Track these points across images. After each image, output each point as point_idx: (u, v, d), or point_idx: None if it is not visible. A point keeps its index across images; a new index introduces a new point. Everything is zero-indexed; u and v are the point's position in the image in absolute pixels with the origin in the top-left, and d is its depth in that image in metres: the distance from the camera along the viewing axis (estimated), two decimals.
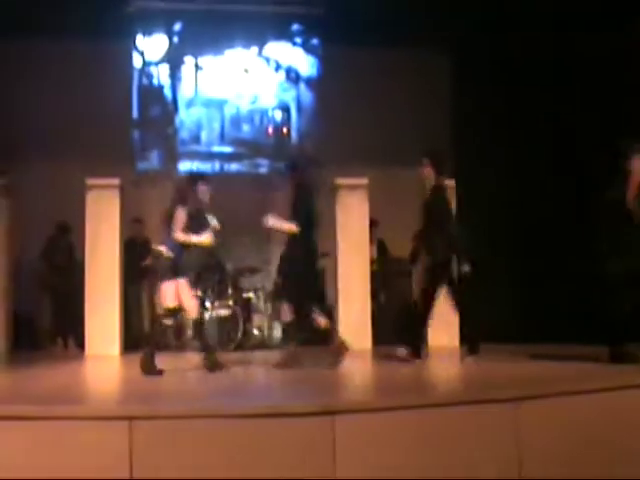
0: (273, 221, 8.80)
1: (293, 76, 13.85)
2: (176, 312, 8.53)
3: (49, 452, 5.43)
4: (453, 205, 10.88)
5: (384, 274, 12.56)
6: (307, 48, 13.86)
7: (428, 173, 9.18)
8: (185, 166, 13.42)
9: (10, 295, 11.34)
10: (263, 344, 12.12)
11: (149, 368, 8.26)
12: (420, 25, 12.55)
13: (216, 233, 8.66)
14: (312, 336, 9.29)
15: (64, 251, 11.95)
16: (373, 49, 13.23)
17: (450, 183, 10.86)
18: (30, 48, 12.66)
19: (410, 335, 9.17)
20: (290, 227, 8.72)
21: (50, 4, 11.84)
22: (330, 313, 9.10)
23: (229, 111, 13.63)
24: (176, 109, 13.51)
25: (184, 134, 13.53)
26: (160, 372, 8.29)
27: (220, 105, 13.62)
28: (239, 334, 11.55)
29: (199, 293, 11.99)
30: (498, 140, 12.47)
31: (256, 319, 12.41)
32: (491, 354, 9.38)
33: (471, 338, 9.21)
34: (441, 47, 13.31)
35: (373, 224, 12.01)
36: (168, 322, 8.56)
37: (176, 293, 8.42)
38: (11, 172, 11.29)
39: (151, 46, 13.52)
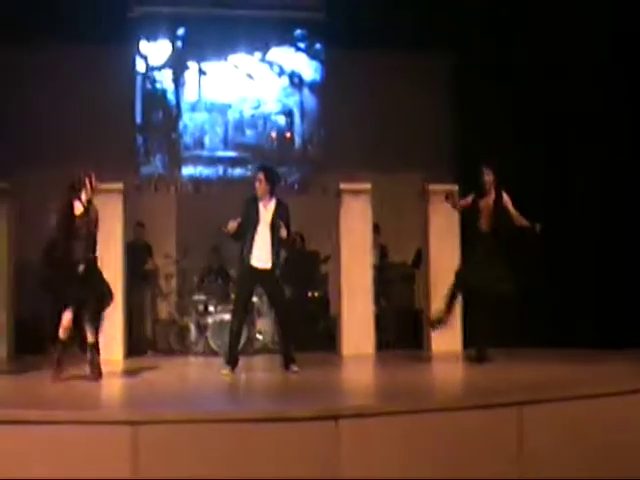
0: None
1: (296, 81, 13.85)
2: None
3: (52, 457, 5.44)
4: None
5: (386, 279, 12.56)
6: (310, 53, 13.86)
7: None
8: (188, 171, 13.43)
9: (13, 299, 11.34)
10: (266, 348, 12.11)
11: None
12: (423, 28, 12.55)
13: None
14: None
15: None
16: (376, 53, 13.22)
17: (453, 188, 10.88)
18: (34, 53, 12.65)
19: None
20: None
21: (54, 9, 11.87)
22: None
23: (232, 116, 13.63)
24: (179, 114, 13.51)
25: (187, 139, 13.52)
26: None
27: (223, 110, 13.62)
28: (242, 339, 11.54)
29: (202, 297, 12.05)
30: (502, 143, 12.47)
31: (259, 323, 12.40)
32: (496, 358, 9.38)
33: (479, 344, 9.19)
34: (444, 50, 13.28)
35: (375, 229, 12.02)
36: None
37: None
38: (13, 176, 11.30)
39: (154, 51, 13.52)
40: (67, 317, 8.20)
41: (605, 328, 10.95)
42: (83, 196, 8.43)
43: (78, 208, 8.38)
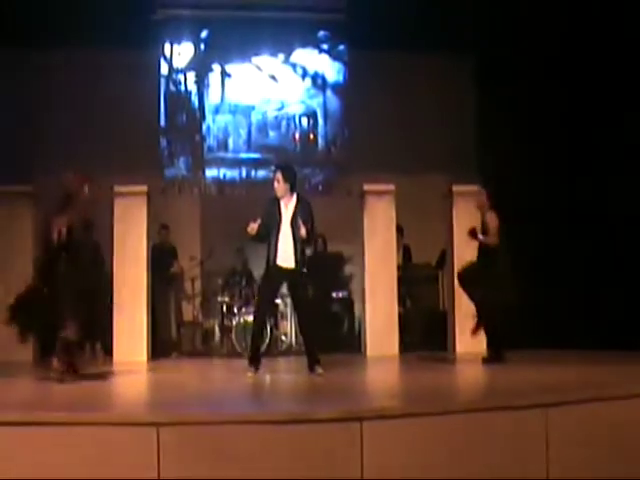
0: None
1: (319, 82, 13.84)
2: None
3: (77, 458, 5.46)
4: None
5: (410, 280, 12.54)
6: (333, 54, 13.84)
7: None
8: (212, 173, 13.46)
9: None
10: (290, 350, 12.13)
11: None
12: (444, 29, 12.53)
13: None
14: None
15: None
16: (398, 54, 13.20)
17: (475, 189, 10.87)
18: (58, 56, 12.74)
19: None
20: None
21: (77, 13, 11.91)
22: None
23: (256, 118, 13.64)
24: (203, 116, 13.54)
25: (211, 141, 13.54)
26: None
27: (247, 112, 13.63)
28: (266, 340, 11.55)
29: (226, 299, 12.07)
30: (525, 144, 12.43)
31: (283, 325, 12.42)
32: (517, 360, 9.35)
33: (495, 345, 9.16)
34: (466, 51, 13.26)
35: (398, 231, 12.01)
36: None
37: None
38: (37, 180, 11.37)
39: (178, 53, 13.55)
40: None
41: (630, 329, 10.87)
42: (81, 204, 8.35)
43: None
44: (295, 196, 8.92)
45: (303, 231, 8.70)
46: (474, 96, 13.48)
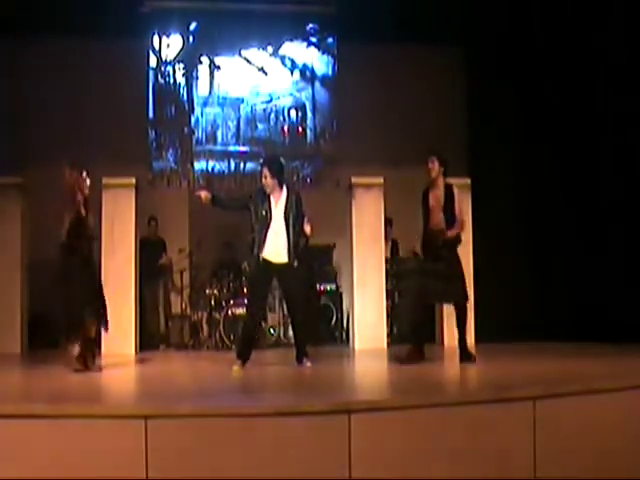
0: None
1: (308, 75, 13.80)
2: None
3: (65, 450, 5.46)
4: (468, 202, 10.92)
5: (398, 273, 12.54)
6: (322, 47, 13.81)
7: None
8: (201, 165, 13.42)
9: (25, 295, 11.39)
10: (278, 343, 12.13)
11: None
12: (434, 21, 12.54)
13: None
14: None
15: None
16: (387, 47, 13.21)
17: (466, 181, 10.90)
18: (46, 47, 12.70)
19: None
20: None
21: (66, 4, 11.87)
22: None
23: (244, 110, 13.60)
24: (192, 108, 13.49)
25: (200, 133, 13.51)
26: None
27: (236, 104, 13.60)
28: (257, 335, 11.54)
29: (215, 292, 12.05)
30: (514, 136, 12.47)
31: (271, 317, 12.42)
32: (506, 353, 9.36)
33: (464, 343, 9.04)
34: (455, 43, 13.27)
35: (388, 223, 12.01)
36: None
37: None
38: (26, 171, 11.33)
39: (167, 45, 13.50)
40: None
41: (621, 322, 10.91)
42: (81, 197, 8.43)
43: (82, 212, 8.42)
44: (285, 190, 8.91)
45: (308, 228, 8.80)
46: (464, 89, 13.48)
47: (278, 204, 8.83)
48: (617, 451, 6.30)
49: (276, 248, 8.75)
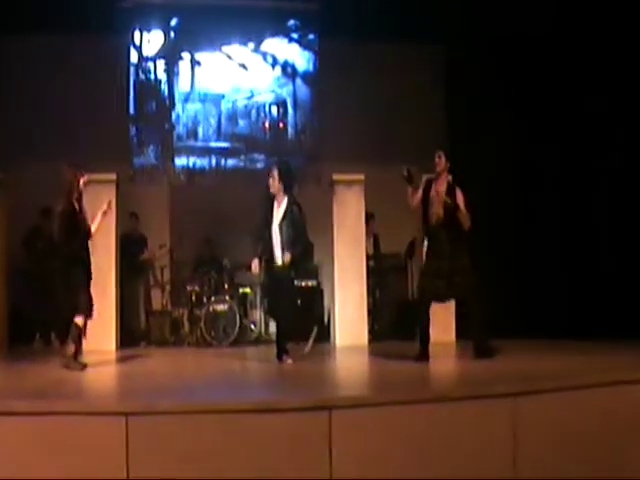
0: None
1: (289, 71, 13.79)
2: None
3: (45, 447, 5.44)
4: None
5: (379, 269, 12.55)
6: (303, 43, 13.80)
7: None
8: (182, 161, 13.39)
9: (5, 290, 11.32)
10: (260, 339, 12.13)
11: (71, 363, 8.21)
12: (415, 18, 12.54)
13: None
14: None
15: (46, 238, 11.70)
16: (369, 44, 13.23)
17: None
18: (25, 44, 12.64)
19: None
20: None
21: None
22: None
23: (226, 106, 13.57)
24: (173, 104, 13.46)
25: (181, 129, 13.47)
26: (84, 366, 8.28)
27: (217, 100, 13.57)
28: (236, 329, 11.55)
29: (196, 288, 12.04)
30: (494, 134, 12.50)
31: (252, 314, 12.42)
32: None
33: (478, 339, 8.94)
34: (436, 40, 13.28)
35: (369, 217, 12.00)
36: None
37: None
38: (6, 168, 11.27)
39: (148, 41, 13.45)
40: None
41: (602, 318, 10.94)
42: (76, 194, 8.47)
43: (76, 208, 8.46)
44: (286, 200, 8.95)
45: (287, 257, 8.81)
46: (444, 86, 13.51)
47: (278, 211, 8.94)
48: (599, 448, 6.33)
49: (276, 252, 8.90)
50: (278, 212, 8.91)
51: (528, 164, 12.37)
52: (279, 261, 8.87)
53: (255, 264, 9.11)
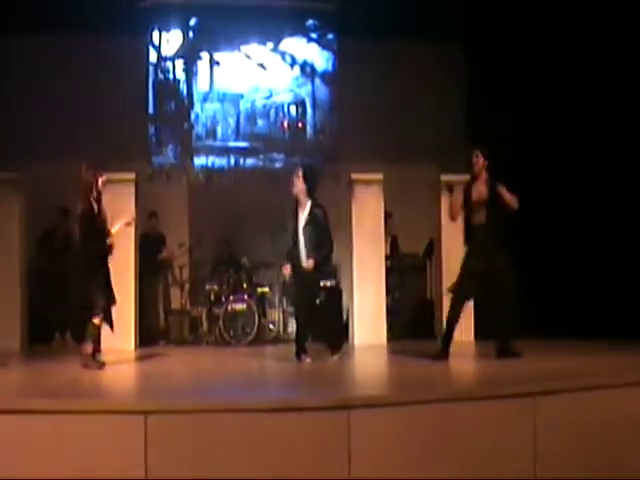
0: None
1: (308, 71, 13.79)
2: None
3: (64, 446, 5.46)
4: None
5: (398, 269, 12.54)
6: (322, 43, 13.79)
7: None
8: (200, 161, 13.41)
9: (25, 290, 11.36)
10: (278, 338, 12.13)
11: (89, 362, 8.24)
12: (434, 17, 12.50)
13: None
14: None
15: (62, 238, 11.75)
16: (387, 43, 13.22)
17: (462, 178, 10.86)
18: (46, 43, 12.69)
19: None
20: None
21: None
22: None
23: (244, 106, 13.58)
24: (192, 104, 13.48)
25: (199, 129, 13.48)
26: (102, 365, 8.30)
27: (235, 100, 13.58)
28: (254, 328, 11.55)
29: (215, 287, 12.05)
30: (513, 133, 12.44)
31: (271, 313, 12.43)
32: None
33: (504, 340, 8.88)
34: (455, 39, 13.26)
35: (388, 216, 11.98)
36: None
37: None
38: (26, 167, 11.31)
39: (167, 41, 13.47)
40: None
41: (622, 318, 10.88)
42: (95, 194, 8.48)
43: (95, 208, 8.48)
44: (309, 204, 8.97)
45: (311, 263, 8.83)
46: (463, 84, 13.48)
47: (302, 213, 8.97)
48: (618, 448, 6.30)
49: (301, 254, 8.92)
50: (302, 216, 8.92)
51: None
52: (304, 264, 8.88)
53: (287, 268, 9.13)
